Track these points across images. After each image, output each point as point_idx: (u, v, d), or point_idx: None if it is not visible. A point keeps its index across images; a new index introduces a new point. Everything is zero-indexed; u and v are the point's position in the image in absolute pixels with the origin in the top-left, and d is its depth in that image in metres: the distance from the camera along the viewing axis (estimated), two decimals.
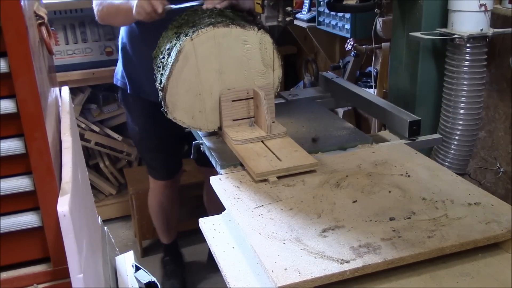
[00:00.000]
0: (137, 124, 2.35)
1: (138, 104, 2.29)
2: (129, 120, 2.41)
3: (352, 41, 2.65)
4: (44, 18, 1.26)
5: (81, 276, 1.01)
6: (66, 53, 2.98)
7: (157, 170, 2.46)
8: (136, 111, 2.33)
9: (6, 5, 0.90)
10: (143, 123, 2.33)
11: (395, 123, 1.80)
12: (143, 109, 2.28)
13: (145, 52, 2.09)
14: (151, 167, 2.48)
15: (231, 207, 1.30)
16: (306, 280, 1.02)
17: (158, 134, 2.32)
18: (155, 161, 2.44)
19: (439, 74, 1.88)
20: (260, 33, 1.66)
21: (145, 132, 2.35)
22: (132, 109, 2.35)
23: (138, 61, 2.18)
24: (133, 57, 2.20)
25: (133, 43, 2.17)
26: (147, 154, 2.45)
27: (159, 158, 2.42)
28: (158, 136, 2.33)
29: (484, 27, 1.73)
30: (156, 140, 2.35)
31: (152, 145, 2.37)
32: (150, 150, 2.40)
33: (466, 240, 1.13)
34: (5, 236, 1.04)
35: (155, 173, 2.48)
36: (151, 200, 2.58)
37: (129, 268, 1.78)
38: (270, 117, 1.65)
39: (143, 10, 1.80)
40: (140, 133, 2.36)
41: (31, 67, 0.96)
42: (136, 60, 2.19)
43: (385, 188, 1.37)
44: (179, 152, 2.52)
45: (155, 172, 2.47)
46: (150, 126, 2.31)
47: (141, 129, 2.35)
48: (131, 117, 2.38)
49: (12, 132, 0.99)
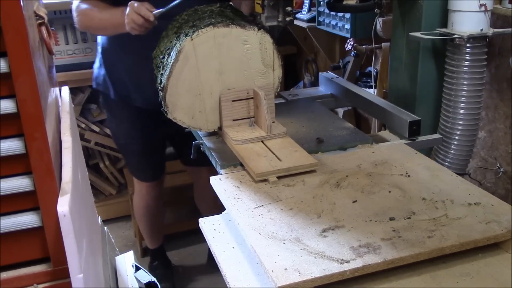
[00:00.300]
0: (122, 129, 2.32)
1: (123, 109, 2.25)
2: (112, 125, 2.38)
3: (352, 41, 2.65)
4: (44, 18, 1.26)
5: (81, 276, 1.01)
6: (66, 53, 2.99)
7: (143, 172, 2.44)
8: (120, 116, 2.29)
9: (6, 5, 0.90)
10: (128, 128, 2.30)
11: (395, 123, 1.80)
12: (128, 114, 2.25)
13: (130, 58, 2.08)
14: (137, 169, 2.46)
15: (231, 207, 1.30)
16: (306, 280, 1.02)
17: (143, 137, 2.30)
18: (141, 164, 2.41)
19: (439, 74, 1.88)
20: (260, 33, 1.66)
21: (130, 137, 2.32)
22: (115, 114, 2.31)
23: (122, 66, 2.14)
24: (116, 63, 2.15)
25: (116, 49, 2.12)
26: (132, 157, 2.42)
27: (144, 161, 2.40)
28: (143, 139, 2.31)
29: (484, 27, 1.73)
30: (141, 143, 2.32)
31: (138, 148, 2.34)
32: (135, 154, 2.38)
33: (466, 240, 1.13)
34: (5, 236, 1.04)
35: (141, 174, 2.45)
36: (138, 203, 2.55)
37: (129, 268, 1.78)
38: (270, 117, 1.65)
39: (135, 25, 1.74)
40: (125, 138, 2.33)
41: (31, 67, 0.96)
42: (120, 65, 2.14)
43: (385, 188, 1.37)
44: (164, 153, 2.50)
45: (141, 173, 2.45)
46: (136, 131, 2.29)
47: (126, 134, 2.32)
48: (115, 122, 2.34)
49: (12, 132, 0.99)
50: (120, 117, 2.29)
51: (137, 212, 2.59)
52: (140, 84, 2.12)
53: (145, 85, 2.10)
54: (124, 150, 2.46)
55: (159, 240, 2.71)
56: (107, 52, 2.17)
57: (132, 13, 1.74)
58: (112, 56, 2.16)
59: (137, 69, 2.09)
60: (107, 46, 2.16)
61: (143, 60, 2.05)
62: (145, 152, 2.36)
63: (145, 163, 2.40)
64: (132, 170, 2.51)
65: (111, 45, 2.14)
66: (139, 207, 2.56)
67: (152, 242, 2.70)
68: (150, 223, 2.61)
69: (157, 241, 2.70)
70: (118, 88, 2.18)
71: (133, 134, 2.29)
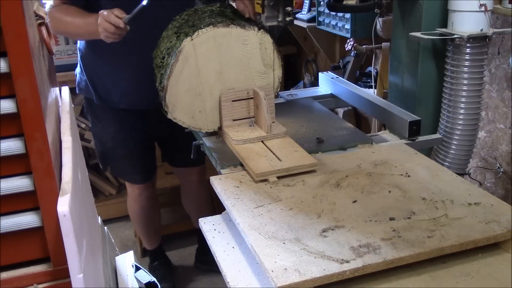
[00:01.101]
0: (108, 133, 2.26)
1: (107, 113, 2.21)
2: (97, 130, 2.31)
3: (352, 41, 2.65)
4: (44, 18, 1.26)
5: (81, 276, 1.01)
6: (66, 53, 2.99)
7: (134, 175, 2.40)
8: (105, 121, 2.24)
9: (6, 5, 0.90)
10: (115, 132, 2.25)
11: (395, 123, 1.80)
12: (113, 118, 2.21)
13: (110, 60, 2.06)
14: (128, 172, 2.41)
15: (231, 207, 1.30)
16: (306, 280, 1.02)
17: (131, 140, 2.27)
18: (131, 167, 2.36)
19: (439, 74, 1.88)
20: (260, 33, 1.66)
21: (117, 141, 2.27)
22: (101, 119, 2.25)
23: (102, 70, 2.11)
24: (96, 67, 2.12)
25: (95, 53, 2.09)
26: (121, 161, 2.35)
27: (134, 163, 2.35)
28: (131, 142, 2.28)
29: (484, 27, 1.73)
30: (129, 146, 2.29)
31: (127, 152, 2.30)
32: (125, 157, 2.32)
33: (466, 240, 1.13)
34: (5, 236, 1.03)
35: (132, 177, 2.41)
36: (132, 207, 2.51)
37: (129, 268, 1.78)
38: (270, 117, 1.65)
39: (108, 33, 1.74)
40: (113, 142, 2.28)
41: (31, 67, 0.96)
42: (100, 69, 2.11)
43: (385, 188, 1.37)
44: (153, 154, 2.45)
45: (132, 176, 2.41)
46: (123, 134, 2.25)
47: (113, 138, 2.27)
48: (100, 126, 2.28)
49: (12, 132, 0.98)
50: (106, 121, 2.24)
51: (132, 215, 2.56)
52: (122, 86, 2.10)
53: (126, 87, 2.09)
54: (111, 155, 2.34)
55: (157, 241, 2.69)
56: (86, 57, 2.14)
57: (103, 22, 1.73)
58: (91, 61, 2.13)
59: (117, 72, 2.08)
60: (85, 51, 2.13)
61: (122, 63, 2.05)
62: (134, 154, 2.32)
63: (135, 166, 2.36)
64: (122, 173, 2.47)
65: (89, 50, 2.11)
66: (133, 210, 2.52)
67: (150, 243, 2.68)
68: (147, 225, 2.57)
69: (155, 242, 2.68)
70: (101, 92, 2.15)
71: (121, 137, 2.25)
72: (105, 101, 2.16)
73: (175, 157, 2.49)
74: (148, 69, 1.82)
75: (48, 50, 1.33)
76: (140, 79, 2.06)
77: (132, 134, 2.26)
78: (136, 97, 2.12)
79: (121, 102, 2.14)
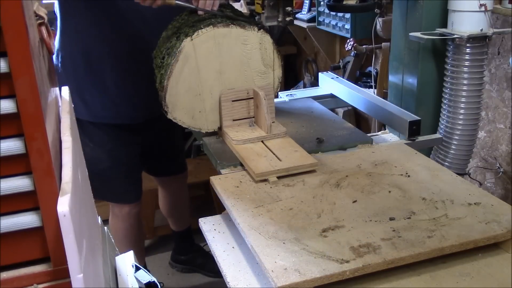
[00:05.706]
0: (103, 152, 2.09)
1: (100, 130, 2.05)
2: (88, 150, 2.05)
3: (352, 41, 2.65)
4: (44, 18, 1.26)
5: (81, 276, 1.00)
6: None
7: (128, 194, 2.23)
8: (98, 139, 2.07)
9: (6, 5, 0.90)
10: (110, 150, 2.09)
11: (395, 123, 1.80)
12: (107, 135, 2.07)
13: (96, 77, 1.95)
14: (120, 193, 2.21)
15: (231, 207, 1.30)
16: (306, 280, 1.02)
17: (126, 156, 2.14)
18: (127, 185, 2.21)
19: (439, 74, 1.88)
20: (260, 33, 1.66)
21: (113, 159, 2.10)
22: (93, 138, 2.07)
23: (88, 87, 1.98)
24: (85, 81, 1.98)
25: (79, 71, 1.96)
26: (116, 180, 2.16)
27: (130, 181, 2.20)
28: (127, 159, 2.14)
29: (484, 27, 1.73)
30: (126, 164, 2.15)
31: (123, 170, 2.15)
32: (121, 176, 2.16)
33: (466, 240, 1.13)
34: (5, 236, 1.03)
35: (126, 197, 2.23)
36: (118, 226, 2.29)
37: (129, 268, 1.78)
38: (270, 117, 1.65)
39: None
40: (110, 160, 2.10)
41: (31, 67, 0.95)
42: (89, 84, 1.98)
43: (385, 188, 1.37)
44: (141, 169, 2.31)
45: (127, 196, 2.23)
46: (119, 151, 2.11)
47: (109, 156, 2.09)
48: (93, 145, 2.08)
49: (12, 132, 0.98)
50: (100, 140, 2.08)
51: (118, 237, 2.28)
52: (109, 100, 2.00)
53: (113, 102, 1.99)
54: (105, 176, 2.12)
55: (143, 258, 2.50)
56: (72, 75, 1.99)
57: None
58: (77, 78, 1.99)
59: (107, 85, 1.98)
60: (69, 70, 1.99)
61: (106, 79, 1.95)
62: (130, 170, 2.18)
63: (131, 184, 2.22)
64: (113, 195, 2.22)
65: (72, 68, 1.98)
66: (119, 230, 2.29)
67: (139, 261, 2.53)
68: (134, 244, 2.34)
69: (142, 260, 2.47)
70: (90, 109, 2.02)
71: (116, 155, 2.11)
72: (96, 117, 2.03)
73: (158, 168, 2.40)
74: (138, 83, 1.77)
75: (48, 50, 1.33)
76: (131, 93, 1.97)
77: (125, 151, 2.13)
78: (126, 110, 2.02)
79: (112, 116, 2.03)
